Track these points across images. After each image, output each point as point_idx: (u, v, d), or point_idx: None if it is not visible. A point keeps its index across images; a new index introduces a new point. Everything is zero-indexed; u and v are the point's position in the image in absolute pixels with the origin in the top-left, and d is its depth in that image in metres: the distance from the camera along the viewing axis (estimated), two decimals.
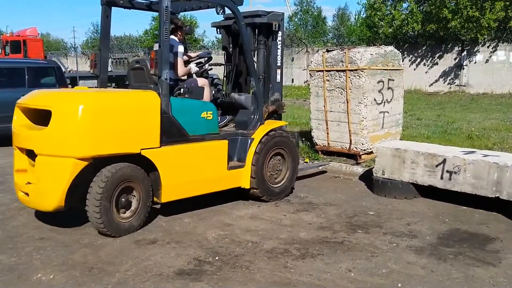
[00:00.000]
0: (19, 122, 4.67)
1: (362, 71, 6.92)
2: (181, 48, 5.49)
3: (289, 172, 5.84)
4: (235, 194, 5.62)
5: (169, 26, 4.72)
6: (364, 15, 25.03)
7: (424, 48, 20.65)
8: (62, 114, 4.20)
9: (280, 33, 6.02)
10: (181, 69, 5.48)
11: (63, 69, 13.61)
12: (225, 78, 6.37)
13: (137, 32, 59.61)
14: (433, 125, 10.64)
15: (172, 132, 4.69)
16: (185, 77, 5.64)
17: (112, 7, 5.29)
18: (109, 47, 5.36)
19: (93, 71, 5.42)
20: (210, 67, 6.10)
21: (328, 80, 7.37)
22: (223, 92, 6.15)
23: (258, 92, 5.64)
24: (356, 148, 7.19)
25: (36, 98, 4.68)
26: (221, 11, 5.20)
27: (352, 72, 7.02)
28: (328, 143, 7.56)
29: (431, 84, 20.34)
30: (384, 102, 7.29)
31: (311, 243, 4.32)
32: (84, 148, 4.14)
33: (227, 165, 5.24)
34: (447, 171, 5.48)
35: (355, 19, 35.92)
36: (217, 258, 3.94)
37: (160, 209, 5.01)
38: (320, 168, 7.15)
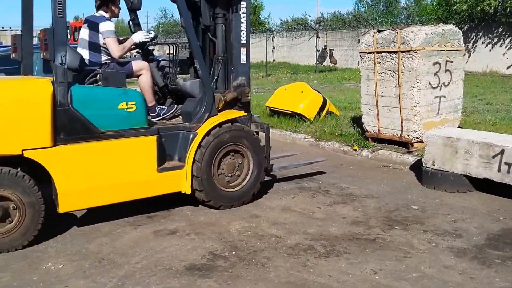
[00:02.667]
0: None
1: (415, 52, 6.37)
2: (109, 26, 4.69)
3: (250, 174, 4.86)
4: (272, 184, 5.38)
5: None
6: None
7: (502, 27, 19.09)
8: None
9: (244, 3, 4.99)
10: (115, 49, 4.67)
11: None
12: (188, 61, 5.40)
13: None
14: (504, 110, 9.73)
15: (73, 128, 3.92)
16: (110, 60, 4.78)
17: None
18: (32, 29, 4.58)
19: (14, 56, 4.65)
20: (153, 46, 5.33)
21: (379, 63, 6.88)
22: (172, 77, 5.11)
23: (204, 77, 4.70)
24: (407, 135, 6.68)
25: None
26: None
27: (404, 53, 6.49)
28: (379, 130, 7.09)
29: (509, 67, 18.79)
30: (441, 85, 6.69)
31: (340, 240, 3.99)
32: None
33: (158, 166, 4.35)
34: (506, 163, 4.90)
35: None
36: (233, 253, 3.73)
37: (188, 196, 4.83)
38: (314, 162, 6.20)
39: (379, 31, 7.02)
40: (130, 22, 5.32)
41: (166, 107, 5.08)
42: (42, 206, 3.83)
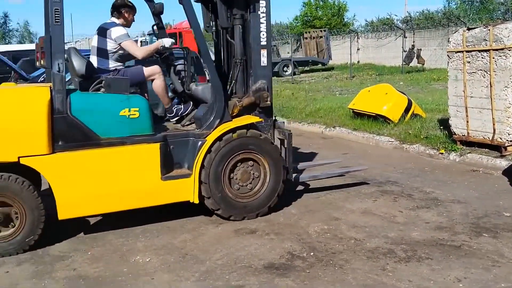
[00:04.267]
0: None
1: (509, 50, 6.01)
2: (121, 30, 4.65)
3: (266, 185, 4.61)
4: (352, 187, 5.32)
5: (61, 7, 3.86)
6: None
7: None
8: None
9: (263, 3, 4.73)
10: (136, 50, 4.69)
11: None
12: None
13: (287, 19, 60.08)
14: None
15: (71, 136, 3.91)
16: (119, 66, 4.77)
17: None
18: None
19: (38, 64, 4.62)
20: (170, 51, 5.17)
21: (468, 62, 6.56)
22: (187, 82, 4.89)
23: (214, 83, 4.50)
24: (500, 138, 6.30)
25: None
26: None
27: (497, 51, 6.14)
28: (468, 133, 6.75)
29: None
30: None
31: (422, 245, 3.88)
32: None
33: (163, 174, 4.23)
34: None
35: None
36: (312, 254, 3.75)
37: None
38: (352, 171, 5.76)
39: (468, 29, 6.70)
40: (154, 27, 5.32)
41: (182, 106, 5.00)
42: (42, 211, 3.87)
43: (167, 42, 4.83)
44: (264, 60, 4.83)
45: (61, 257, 3.82)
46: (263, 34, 4.79)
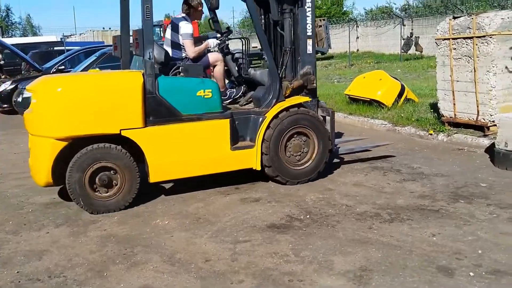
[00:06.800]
0: (30, 106, 4.78)
1: (490, 37, 6.52)
2: (188, 29, 5.37)
3: (315, 154, 5.36)
4: (346, 164, 5.86)
5: (151, 4, 4.56)
6: None
7: None
8: (41, 97, 4.49)
9: None
10: (190, 50, 5.38)
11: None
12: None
13: None
14: None
15: (159, 112, 4.62)
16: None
17: None
18: (129, 30, 5.37)
19: (114, 54, 5.46)
20: (228, 42, 5.90)
21: (454, 49, 7.08)
22: (245, 68, 5.77)
23: (271, 67, 5.25)
24: (483, 119, 6.84)
25: (33, 83, 4.89)
26: None
27: (479, 38, 6.66)
28: (455, 115, 7.29)
29: None
30: None
31: (405, 209, 4.44)
32: (60, 129, 4.34)
33: (232, 145, 4.96)
34: None
35: None
36: (308, 216, 4.32)
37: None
38: (380, 145, 6.55)
39: (454, 17, 7.21)
40: (210, 20, 6.10)
41: (234, 90, 5.75)
42: (137, 174, 4.61)
43: (212, 42, 5.67)
44: (310, 48, 5.55)
45: (92, 221, 4.41)
46: (309, 26, 5.50)
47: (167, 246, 3.82)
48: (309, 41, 5.54)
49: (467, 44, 6.87)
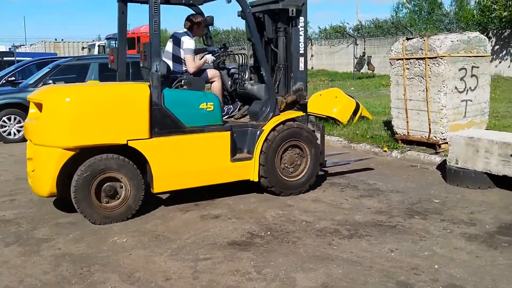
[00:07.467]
0: (31, 115, 4.84)
1: (441, 59, 6.81)
2: (190, 44, 5.49)
3: (308, 166, 5.55)
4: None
5: (159, 19, 4.67)
6: None
7: None
8: (49, 107, 4.46)
9: (302, 18, 5.68)
10: (191, 65, 5.46)
11: None
12: (251, 69, 6.12)
13: (244, 26, 60.53)
14: None
15: (165, 124, 4.72)
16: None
17: (128, 3, 5.41)
18: (126, 42, 5.60)
19: (111, 66, 5.54)
20: (225, 58, 6.00)
21: (407, 69, 7.34)
22: (241, 83, 5.89)
23: (268, 82, 5.43)
24: (435, 137, 7.10)
25: (37, 92, 4.93)
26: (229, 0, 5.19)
27: (431, 59, 6.94)
28: (408, 132, 7.53)
29: None
30: (467, 90, 7.08)
31: (363, 225, 4.51)
32: (68, 139, 4.35)
33: (231, 157, 5.11)
34: None
35: (475, 2, 33.50)
36: (269, 233, 4.32)
37: (229, 189, 5.46)
38: (363, 159, 7.02)
39: (407, 39, 7.48)
40: (204, 36, 6.20)
41: (231, 106, 5.88)
42: (143, 186, 4.65)
43: (210, 58, 5.88)
44: (301, 66, 5.79)
45: (45, 240, 4.23)
46: (301, 44, 5.73)
47: (126, 264, 3.71)
48: (301, 59, 5.76)
49: (419, 65, 7.14)
